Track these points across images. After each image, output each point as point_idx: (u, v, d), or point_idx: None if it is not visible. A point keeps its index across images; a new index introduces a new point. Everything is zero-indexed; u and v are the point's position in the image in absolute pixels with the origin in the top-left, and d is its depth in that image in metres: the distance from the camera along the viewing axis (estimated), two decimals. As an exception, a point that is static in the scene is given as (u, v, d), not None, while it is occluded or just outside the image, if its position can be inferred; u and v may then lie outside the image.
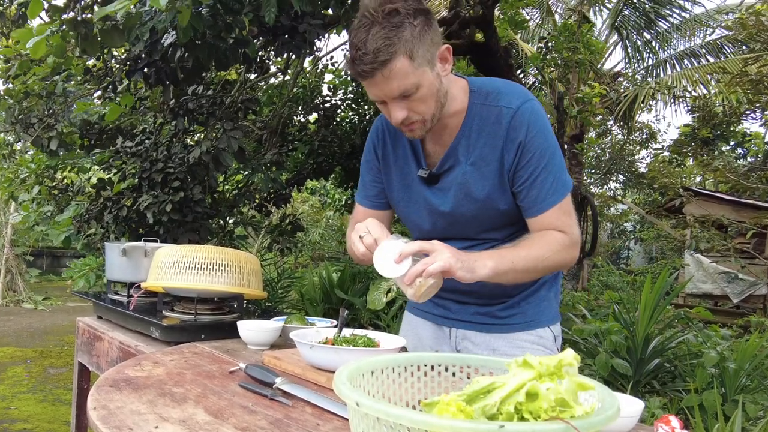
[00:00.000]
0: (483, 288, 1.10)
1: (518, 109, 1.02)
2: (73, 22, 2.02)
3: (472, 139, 1.06)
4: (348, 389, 0.51)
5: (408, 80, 0.94)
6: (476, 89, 1.07)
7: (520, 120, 1.01)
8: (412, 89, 0.95)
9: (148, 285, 1.50)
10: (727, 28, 7.36)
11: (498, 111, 1.03)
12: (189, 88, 3.31)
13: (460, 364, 0.65)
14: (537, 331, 1.14)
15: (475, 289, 1.10)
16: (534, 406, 0.47)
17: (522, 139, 1.01)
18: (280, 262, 5.69)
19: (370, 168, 1.22)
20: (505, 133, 1.02)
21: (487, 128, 1.04)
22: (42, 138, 3.08)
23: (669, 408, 2.36)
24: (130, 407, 0.81)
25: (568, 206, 1.05)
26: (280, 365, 1.07)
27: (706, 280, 7.29)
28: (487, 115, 1.04)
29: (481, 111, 1.05)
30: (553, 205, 1.03)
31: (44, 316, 6.72)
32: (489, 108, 1.04)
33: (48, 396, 3.64)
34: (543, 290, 1.16)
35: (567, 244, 1.03)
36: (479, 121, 1.05)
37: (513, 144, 1.02)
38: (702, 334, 3.06)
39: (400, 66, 0.93)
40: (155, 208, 2.92)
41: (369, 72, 0.93)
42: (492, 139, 1.04)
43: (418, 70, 0.95)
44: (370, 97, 1.02)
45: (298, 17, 2.48)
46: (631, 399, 0.76)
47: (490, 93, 1.05)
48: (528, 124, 1.01)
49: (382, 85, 0.95)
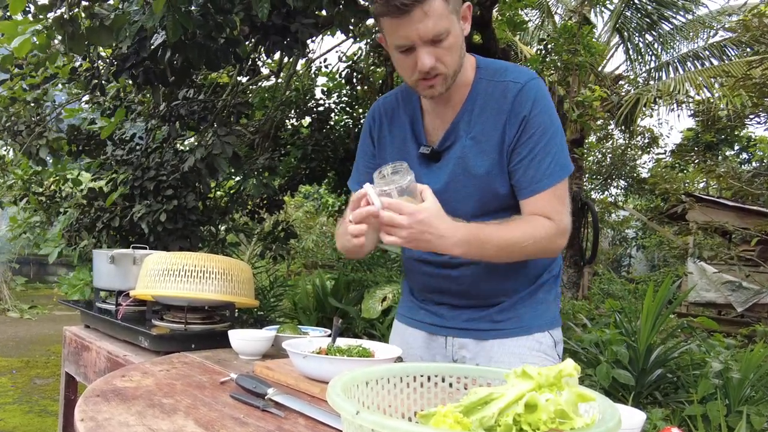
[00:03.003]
0: (474, 287, 1.09)
1: (525, 84, 1.01)
2: (60, 20, 1.99)
3: (475, 114, 1.04)
4: (342, 400, 0.50)
5: (442, 23, 0.93)
6: (483, 66, 1.06)
7: (526, 95, 1.00)
8: (444, 33, 0.94)
9: (136, 293, 1.47)
10: (731, 30, 7.23)
11: (504, 86, 1.02)
12: (180, 92, 3.29)
13: (457, 374, 0.64)
14: (535, 336, 1.10)
15: (465, 288, 1.09)
16: (533, 417, 0.47)
17: (526, 114, 1.00)
18: (272, 270, 5.65)
19: (364, 153, 1.19)
20: (510, 107, 1.01)
21: (492, 104, 1.03)
22: (31, 146, 3.05)
23: (671, 419, 2.33)
24: (118, 419, 0.79)
25: (563, 191, 1.03)
26: (272, 375, 1.05)
27: (710, 289, 7.17)
28: (492, 91, 1.03)
29: (486, 87, 1.04)
30: (547, 187, 1.00)
31: (30, 325, 6.61)
32: (495, 84, 1.03)
33: (34, 407, 3.56)
34: (541, 293, 1.12)
35: (552, 233, 1.00)
36: (484, 97, 1.03)
37: (516, 118, 1.00)
38: (705, 343, 3.03)
39: (438, 5, 0.92)
40: (149, 218, 2.89)
41: (408, 6, 0.90)
42: (495, 113, 1.02)
43: (450, 16, 0.94)
44: (393, 42, 0.96)
45: (290, 16, 2.47)
46: (632, 410, 0.75)
47: (498, 70, 1.04)
48: (534, 100, 1.00)
49: (417, 24, 0.92)
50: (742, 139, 11.26)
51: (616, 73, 9.15)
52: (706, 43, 8.35)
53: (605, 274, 9.36)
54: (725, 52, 8.05)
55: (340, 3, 2.56)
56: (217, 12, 2.21)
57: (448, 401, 0.60)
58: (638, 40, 8.02)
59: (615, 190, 12.25)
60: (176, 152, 3.29)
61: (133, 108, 3.58)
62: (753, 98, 5.74)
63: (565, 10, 8.23)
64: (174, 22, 1.94)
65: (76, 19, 2.00)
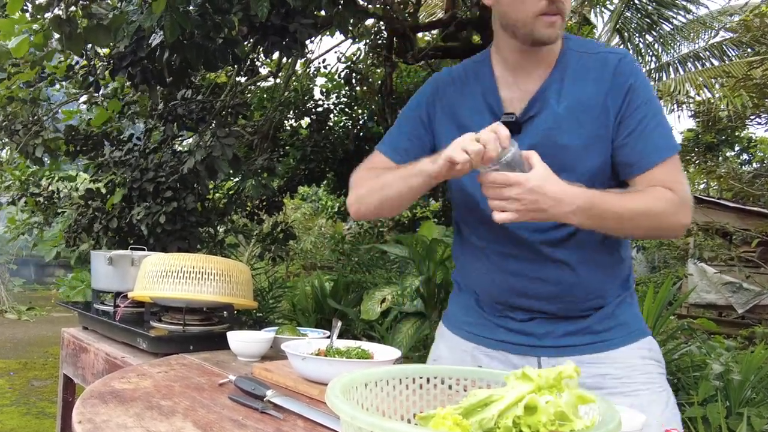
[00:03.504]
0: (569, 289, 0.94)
1: (625, 56, 0.94)
2: (57, 20, 1.99)
3: (566, 83, 0.94)
4: (341, 402, 0.50)
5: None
6: (572, 39, 0.98)
7: (629, 66, 0.93)
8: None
9: (135, 295, 1.47)
10: (732, 30, 7.18)
11: (603, 56, 0.94)
12: (178, 92, 3.29)
13: (457, 376, 0.64)
14: (643, 342, 0.97)
15: (558, 290, 0.94)
16: (533, 419, 0.46)
17: (632, 82, 0.92)
18: (271, 271, 5.64)
19: (412, 118, 1.05)
20: (611, 77, 0.92)
21: (587, 74, 0.94)
22: (27, 145, 3.04)
23: None
24: (116, 421, 0.78)
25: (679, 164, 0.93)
26: (271, 377, 1.05)
27: (710, 290, 7.09)
28: (586, 62, 0.95)
29: (579, 58, 0.95)
30: (664, 158, 0.90)
31: (28, 326, 6.58)
32: (588, 55, 0.95)
33: (32, 409, 3.55)
34: (630, 296, 1.00)
35: (677, 205, 0.88)
36: (575, 68, 0.95)
37: (621, 89, 0.92)
38: (706, 345, 3.00)
39: None
40: (149, 220, 2.88)
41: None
42: (594, 84, 0.93)
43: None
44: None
45: (288, 16, 2.46)
46: (632, 412, 0.75)
47: (588, 43, 0.98)
48: (636, 72, 0.93)
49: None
50: (742, 139, 11.14)
51: (616, 74, 9.12)
52: (706, 44, 8.27)
53: (605, 276, 9.25)
54: (726, 53, 7.97)
55: (339, 3, 2.55)
56: (215, 12, 2.20)
57: (447, 403, 0.59)
58: (638, 40, 7.94)
59: (615, 191, 12.17)
60: (175, 153, 3.28)
61: (131, 108, 3.58)
62: (754, 99, 5.71)
63: (565, 10, 8.28)
64: (172, 22, 1.93)
65: (73, 18, 2.00)
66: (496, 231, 0.95)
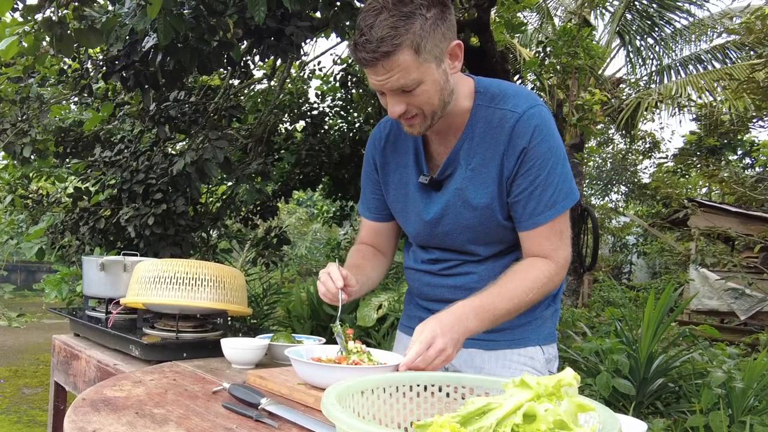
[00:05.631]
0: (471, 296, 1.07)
1: (523, 114, 0.97)
2: (48, 22, 1.97)
3: (475, 142, 1.01)
4: (337, 410, 0.49)
5: (410, 75, 0.90)
6: (482, 90, 1.02)
7: (525, 126, 0.97)
8: (412, 85, 0.92)
9: (127, 301, 1.45)
10: (734, 32, 7.08)
11: (502, 114, 0.99)
12: (170, 93, 3.26)
13: (455, 384, 0.63)
14: (527, 350, 1.09)
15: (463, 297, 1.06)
16: (531, 428, 0.46)
17: (525, 145, 0.97)
18: (265, 277, 5.61)
19: (369, 179, 1.18)
20: (508, 138, 0.98)
21: (490, 132, 1.00)
22: (15, 144, 3.00)
23: (673, 430, 2.30)
24: (108, 429, 0.77)
25: (563, 224, 1.01)
26: (265, 385, 1.04)
27: (712, 296, 7.00)
28: (491, 119, 1.00)
29: (485, 114, 1.01)
30: (548, 220, 0.99)
31: (18, 333, 6.50)
32: (494, 111, 1.00)
33: (23, 417, 3.50)
34: (538, 308, 1.10)
35: (552, 274, 1.00)
36: (483, 125, 1.01)
37: (515, 150, 0.98)
38: (708, 352, 2.99)
39: (404, 59, 0.89)
40: (137, 222, 2.85)
41: (369, 61, 0.90)
42: (494, 143, 0.99)
43: (423, 66, 0.91)
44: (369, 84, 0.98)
45: (284, 19, 2.45)
46: (633, 421, 0.74)
47: (497, 95, 1.01)
48: (533, 131, 0.97)
49: (381, 77, 0.91)
50: (745, 143, 11.10)
51: (616, 77, 9.02)
52: (708, 46, 8.10)
53: (605, 282, 9.23)
54: (728, 55, 7.87)
55: (335, 4, 2.55)
56: (209, 14, 2.19)
57: (445, 411, 0.59)
58: (639, 42, 7.77)
59: (615, 196, 12.17)
60: (166, 155, 3.25)
61: (122, 109, 3.54)
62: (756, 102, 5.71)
63: (565, 12, 8.08)
64: (165, 25, 1.92)
65: (64, 20, 1.98)
66: None
